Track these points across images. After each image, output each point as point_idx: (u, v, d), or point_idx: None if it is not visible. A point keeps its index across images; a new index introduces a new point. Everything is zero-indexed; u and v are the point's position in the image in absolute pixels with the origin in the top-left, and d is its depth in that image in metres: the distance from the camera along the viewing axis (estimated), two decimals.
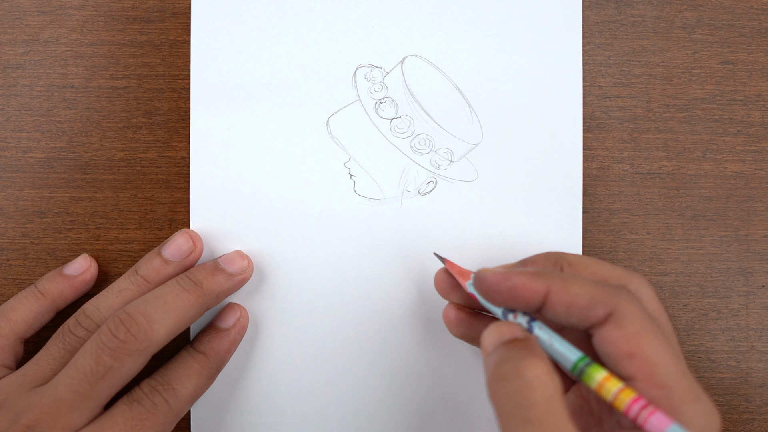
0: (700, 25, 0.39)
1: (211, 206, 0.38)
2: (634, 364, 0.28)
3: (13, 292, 0.38)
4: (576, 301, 0.29)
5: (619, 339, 0.28)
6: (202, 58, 0.38)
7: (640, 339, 0.28)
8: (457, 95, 0.38)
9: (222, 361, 0.36)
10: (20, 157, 0.38)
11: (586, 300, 0.29)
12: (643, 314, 0.29)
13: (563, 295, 0.29)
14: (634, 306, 0.29)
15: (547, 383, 0.27)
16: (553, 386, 0.27)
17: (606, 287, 0.29)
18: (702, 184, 0.39)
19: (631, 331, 0.28)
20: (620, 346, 0.28)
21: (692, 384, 0.28)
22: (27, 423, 0.31)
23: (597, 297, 0.29)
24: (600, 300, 0.29)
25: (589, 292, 0.29)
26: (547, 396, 0.27)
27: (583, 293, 0.29)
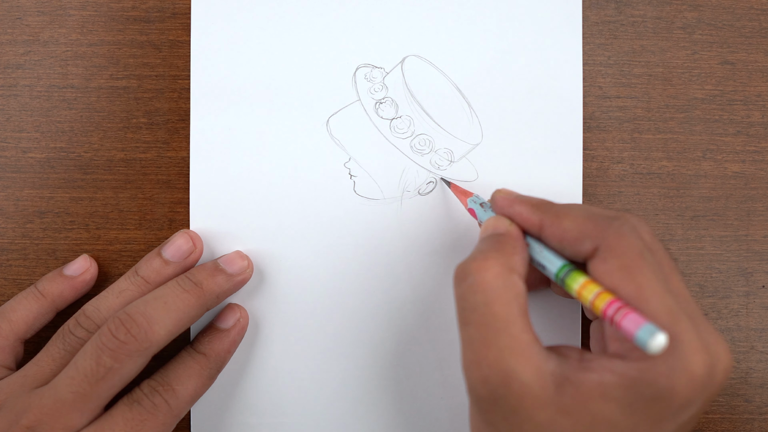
0: (700, 25, 0.39)
1: (211, 206, 0.38)
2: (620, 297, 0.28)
3: (13, 293, 0.38)
4: (566, 235, 0.30)
5: (604, 272, 0.28)
6: (202, 58, 0.38)
7: (624, 273, 0.28)
8: (457, 95, 0.38)
9: (222, 362, 0.36)
10: (20, 157, 0.38)
11: (575, 233, 0.30)
12: (633, 247, 0.28)
13: (555, 228, 0.30)
14: (621, 239, 0.28)
15: (491, 285, 0.28)
16: (501, 288, 0.28)
17: (596, 221, 0.29)
18: (702, 184, 0.39)
19: (615, 264, 0.28)
20: (605, 279, 0.28)
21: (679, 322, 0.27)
22: (27, 424, 0.31)
23: (585, 231, 0.29)
24: (588, 234, 0.29)
25: (578, 225, 0.30)
26: (488, 299, 0.28)
27: (573, 227, 0.30)
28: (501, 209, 0.32)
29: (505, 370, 0.27)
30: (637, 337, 0.26)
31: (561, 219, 0.30)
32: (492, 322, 0.28)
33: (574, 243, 0.30)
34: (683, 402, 0.27)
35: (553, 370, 0.28)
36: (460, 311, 0.29)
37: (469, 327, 0.29)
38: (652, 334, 0.26)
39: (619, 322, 0.27)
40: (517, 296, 0.29)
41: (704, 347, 0.27)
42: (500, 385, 0.27)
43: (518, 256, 0.30)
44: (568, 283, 0.29)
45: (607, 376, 0.27)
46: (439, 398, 0.38)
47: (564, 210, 0.31)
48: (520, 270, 0.30)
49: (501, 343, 0.28)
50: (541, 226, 0.31)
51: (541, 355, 0.28)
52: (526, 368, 0.27)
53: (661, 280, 0.28)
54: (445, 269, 0.38)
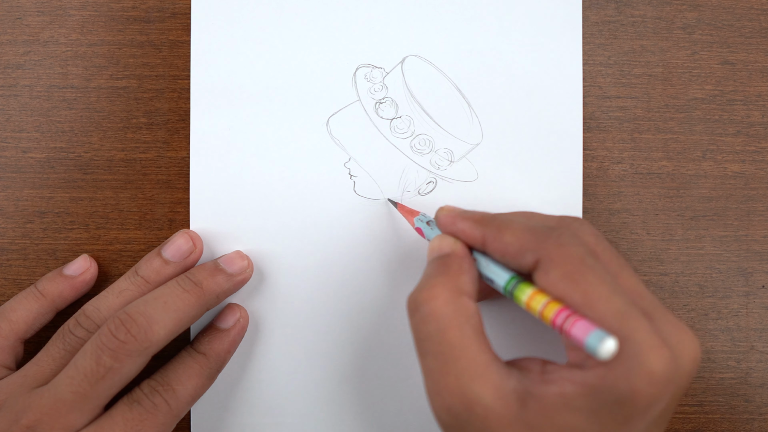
0: (700, 25, 0.39)
1: (211, 206, 0.38)
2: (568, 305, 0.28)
3: (13, 293, 0.38)
4: (507, 249, 0.30)
5: (548, 283, 0.28)
6: (202, 58, 0.38)
7: (567, 282, 0.28)
8: (457, 95, 0.38)
9: (222, 362, 0.36)
10: (20, 157, 0.38)
11: (516, 247, 0.29)
12: (573, 256, 0.28)
13: (497, 243, 0.30)
14: (562, 248, 0.28)
15: (441, 314, 0.28)
16: (451, 314, 0.28)
17: (536, 232, 0.29)
18: (702, 184, 0.39)
19: (557, 275, 0.28)
20: (550, 290, 0.28)
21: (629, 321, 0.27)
22: (27, 423, 0.31)
23: (525, 244, 0.29)
24: (528, 246, 0.29)
25: (518, 239, 0.29)
26: (441, 327, 0.28)
27: (513, 241, 0.30)
28: (445, 227, 0.32)
29: (466, 396, 0.27)
30: (587, 344, 0.26)
31: (502, 233, 0.30)
32: (447, 350, 0.28)
33: (516, 256, 0.29)
34: (647, 401, 0.27)
35: (515, 386, 0.28)
36: (417, 342, 0.29)
37: (426, 357, 0.29)
38: (601, 339, 0.25)
39: (569, 330, 0.27)
40: (469, 318, 0.29)
41: (661, 342, 0.27)
42: (463, 410, 0.27)
43: (465, 275, 0.30)
44: (517, 295, 0.29)
45: (567, 387, 0.27)
46: None
47: (505, 223, 0.30)
48: (469, 290, 0.30)
49: (459, 369, 0.28)
50: (484, 242, 0.31)
51: (501, 374, 0.28)
52: (486, 390, 0.27)
53: (606, 282, 0.28)
54: None
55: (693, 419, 0.39)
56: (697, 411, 0.39)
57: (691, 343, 0.28)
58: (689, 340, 0.28)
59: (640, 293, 0.29)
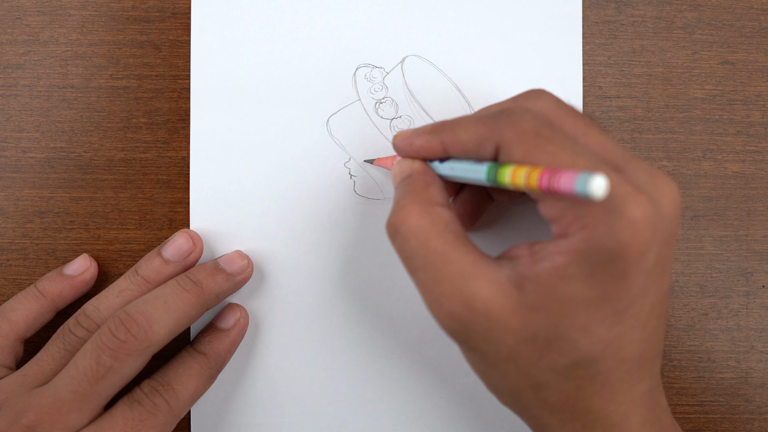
0: (700, 25, 0.39)
1: (211, 206, 0.38)
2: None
3: (13, 292, 0.38)
4: (466, 146, 0.29)
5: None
6: (202, 58, 0.38)
7: (529, 158, 0.27)
8: (457, 95, 0.38)
9: (222, 362, 0.36)
10: (20, 157, 0.38)
11: (472, 142, 0.29)
12: (525, 132, 0.27)
13: (455, 144, 0.30)
14: (514, 128, 0.28)
15: (418, 227, 0.28)
16: (427, 225, 0.28)
17: (488, 121, 0.29)
18: (702, 184, 0.39)
19: (517, 155, 0.27)
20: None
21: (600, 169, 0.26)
22: (27, 423, 0.31)
23: (480, 134, 0.29)
24: (484, 137, 0.29)
25: (474, 132, 0.29)
26: (421, 241, 0.28)
27: (470, 136, 0.29)
28: (404, 150, 0.32)
29: (463, 296, 0.27)
30: (576, 191, 0.24)
31: (457, 132, 0.30)
32: (434, 259, 0.28)
33: (476, 150, 0.29)
34: (637, 251, 0.26)
35: (508, 274, 0.27)
36: (405, 263, 0.29)
37: (417, 273, 0.29)
38: (589, 179, 0.24)
39: (557, 186, 0.25)
40: (447, 224, 0.29)
41: (636, 189, 0.26)
42: (464, 311, 0.27)
43: (432, 187, 0.30)
44: (501, 178, 0.28)
45: (558, 259, 0.27)
46: (438, 398, 0.38)
47: (458, 122, 0.30)
48: (440, 199, 0.30)
49: (450, 273, 0.28)
50: (444, 148, 0.30)
51: (492, 267, 0.28)
52: (481, 285, 0.27)
53: (567, 147, 0.27)
54: None
55: (693, 419, 0.39)
56: (697, 411, 0.39)
57: (667, 186, 0.28)
58: (665, 183, 0.28)
59: (608, 148, 0.28)
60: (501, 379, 0.29)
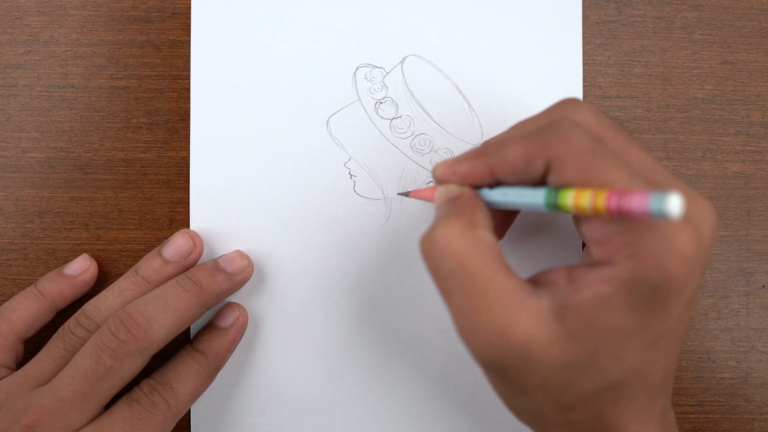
0: (700, 25, 0.39)
1: (211, 206, 0.38)
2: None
3: (13, 292, 0.38)
4: (516, 166, 0.28)
5: (563, 185, 0.27)
6: (202, 58, 0.38)
7: (583, 179, 0.26)
8: (457, 95, 0.38)
9: (221, 361, 0.36)
10: (20, 157, 0.38)
11: (523, 160, 0.28)
12: (579, 149, 0.26)
13: (503, 165, 0.28)
14: (566, 144, 0.27)
15: (459, 247, 0.27)
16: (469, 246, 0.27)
17: (536, 138, 0.27)
18: (702, 184, 0.39)
19: (571, 173, 0.26)
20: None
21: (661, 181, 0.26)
22: (27, 423, 0.31)
23: (530, 152, 0.27)
24: (534, 154, 0.27)
25: (522, 151, 0.28)
26: (461, 261, 0.27)
27: (518, 155, 0.28)
28: (447, 180, 0.30)
29: (503, 328, 0.26)
30: (651, 210, 0.23)
31: (503, 153, 0.28)
32: (473, 284, 0.27)
33: (526, 169, 0.28)
34: (682, 284, 0.26)
35: (549, 305, 0.27)
36: (439, 282, 0.28)
37: (453, 296, 0.27)
38: (665, 199, 0.23)
39: (629, 206, 0.24)
40: (490, 248, 0.27)
41: (685, 220, 0.26)
42: (504, 343, 0.26)
43: (478, 212, 0.29)
44: (562, 202, 0.26)
45: (601, 288, 0.26)
46: (438, 398, 0.38)
47: (503, 143, 0.28)
48: (484, 224, 0.28)
49: (489, 301, 0.26)
50: (491, 171, 0.29)
51: (532, 297, 0.27)
52: (522, 318, 0.26)
53: (620, 167, 0.26)
54: None
55: (693, 419, 0.39)
56: (697, 411, 0.39)
57: (707, 211, 0.27)
58: (705, 208, 0.27)
59: (650, 167, 0.28)
60: (525, 403, 0.28)
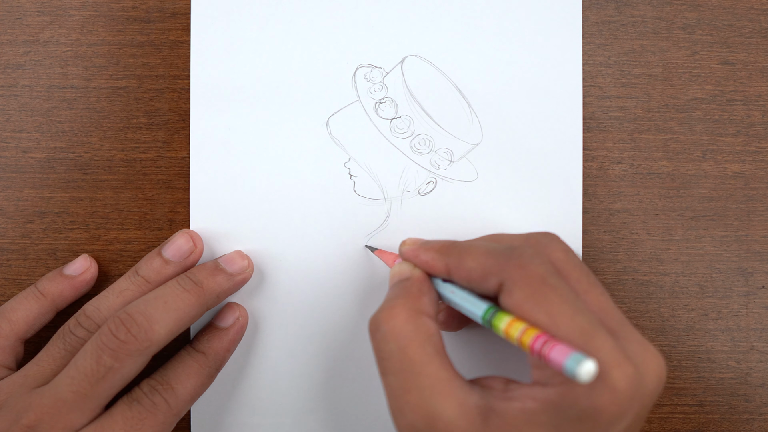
0: (700, 26, 0.39)
1: (211, 206, 0.38)
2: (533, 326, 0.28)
3: (13, 292, 0.38)
4: (471, 275, 0.30)
5: (513, 306, 0.28)
6: (202, 58, 0.38)
7: (530, 304, 0.28)
8: (457, 95, 0.38)
9: (221, 361, 0.36)
10: (20, 157, 0.38)
11: (479, 272, 0.30)
12: (533, 276, 0.28)
13: (460, 270, 0.30)
14: (522, 270, 0.28)
15: (401, 332, 0.28)
16: (411, 332, 0.28)
17: (497, 255, 0.29)
18: (702, 184, 0.39)
19: (520, 297, 0.28)
20: (515, 312, 0.28)
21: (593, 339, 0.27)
22: (27, 423, 0.31)
23: (487, 267, 0.29)
24: (490, 270, 0.29)
25: (480, 264, 0.30)
26: (401, 345, 0.28)
27: (476, 266, 0.30)
28: (408, 260, 0.33)
29: (428, 412, 0.27)
30: (565, 368, 0.26)
31: (463, 259, 0.30)
32: (408, 367, 0.28)
33: (480, 281, 0.30)
34: (610, 418, 0.27)
35: (477, 402, 0.28)
36: (378, 362, 0.29)
37: (388, 376, 0.29)
38: (579, 362, 0.25)
39: (547, 355, 0.26)
40: (430, 337, 0.29)
41: (625, 359, 0.27)
42: (426, 427, 0.27)
43: (425, 297, 0.30)
44: (495, 324, 0.29)
45: (530, 403, 0.27)
46: None
47: (466, 249, 0.31)
48: (429, 311, 0.30)
49: (420, 385, 0.28)
50: (448, 270, 0.31)
51: (463, 390, 0.28)
52: (448, 405, 0.27)
53: (570, 301, 0.28)
54: None
55: (693, 419, 0.39)
56: (697, 411, 0.39)
57: (655, 361, 0.28)
58: (654, 358, 0.28)
59: (607, 311, 0.29)
60: None
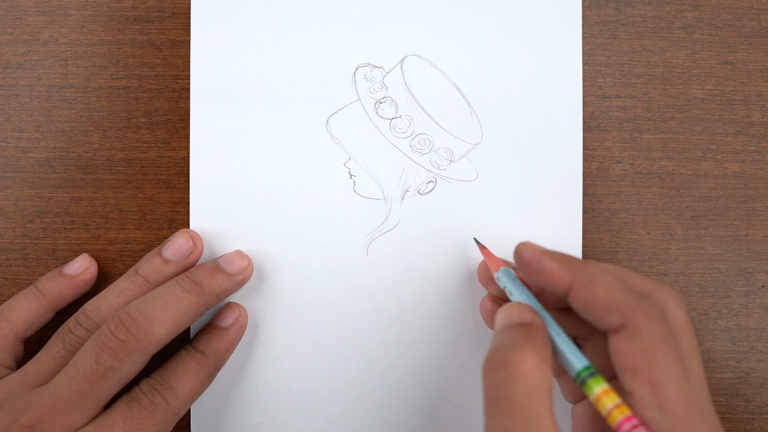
0: (700, 25, 0.39)
1: (211, 206, 0.38)
2: (636, 381, 0.28)
3: (13, 292, 0.38)
4: (595, 302, 0.29)
5: (626, 352, 0.28)
6: (202, 58, 0.38)
7: (647, 356, 0.27)
8: (457, 95, 0.38)
9: (221, 360, 0.36)
10: (20, 157, 0.38)
11: (604, 303, 0.29)
12: (659, 331, 0.28)
13: (585, 292, 0.29)
14: (651, 320, 0.28)
15: (532, 377, 0.27)
16: (539, 381, 0.27)
17: (629, 295, 0.29)
18: (702, 184, 0.39)
19: (639, 346, 0.28)
20: (626, 359, 0.28)
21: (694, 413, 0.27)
22: (27, 422, 0.31)
23: (616, 303, 0.28)
24: (618, 307, 0.28)
25: (609, 296, 0.29)
26: (528, 391, 0.27)
27: (604, 296, 0.29)
28: (529, 264, 0.30)
29: None
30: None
31: (594, 284, 0.29)
32: (528, 416, 0.27)
33: (601, 313, 0.29)
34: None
35: None
36: (494, 398, 0.28)
37: (501, 416, 0.27)
38: None
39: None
40: (550, 391, 0.28)
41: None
42: None
43: (548, 348, 0.29)
44: (590, 384, 0.28)
45: None
46: (438, 398, 0.38)
47: (597, 275, 0.29)
48: (551, 363, 0.29)
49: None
50: (571, 287, 0.30)
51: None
52: None
53: (681, 368, 0.27)
54: (445, 268, 0.38)
55: None
56: None
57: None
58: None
59: (702, 387, 0.29)
60: None
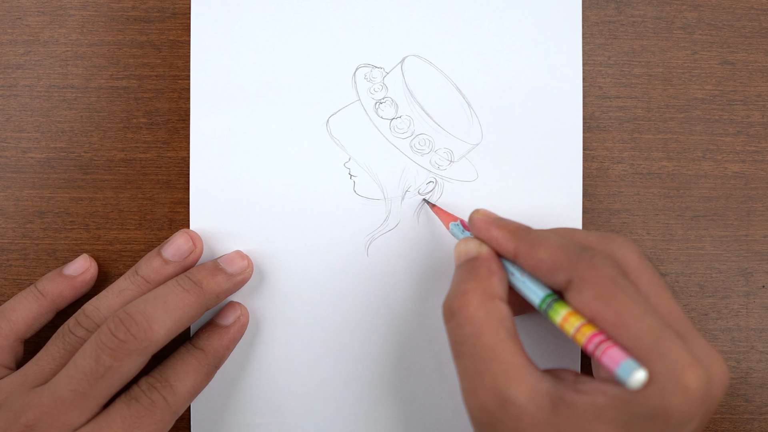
0: (700, 25, 0.39)
1: (211, 206, 0.38)
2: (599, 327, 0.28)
3: (13, 292, 0.38)
4: (540, 265, 0.30)
5: (580, 304, 0.29)
6: (202, 58, 0.38)
7: (600, 302, 0.28)
8: (457, 95, 0.38)
9: (221, 358, 0.36)
10: (20, 157, 0.38)
11: (548, 264, 0.30)
12: (607, 276, 0.28)
13: (530, 258, 0.30)
14: (593, 270, 0.29)
15: (476, 317, 0.29)
16: (485, 318, 0.29)
17: (570, 252, 0.29)
18: (702, 184, 0.39)
19: (590, 295, 0.28)
20: (584, 311, 0.29)
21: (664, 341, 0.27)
22: (26, 422, 0.31)
23: (558, 262, 0.29)
24: (560, 265, 0.29)
25: (552, 257, 0.30)
26: (475, 330, 0.29)
27: (547, 257, 0.30)
28: (478, 232, 0.32)
29: (500, 395, 0.28)
30: (617, 373, 0.26)
31: (536, 249, 0.30)
32: (482, 352, 0.29)
33: (548, 274, 0.30)
34: (680, 419, 0.27)
35: (548, 390, 0.28)
36: (452, 345, 0.30)
37: (462, 359, 0.29)
38: (632, 370, 0.26)
39: (600, 357, 0.27)
40: (502, 321, 0.29)
41: (696, 362, 0.27)
42: (497, 409, 0.28)
43: (495, 277, 0.31)
44: (551, 315, 0.29)
45: (600, 398, 0.27)
46: (438, 398, 0.38)
47: (539, 239, 0.31)
48: (500, 292, 0.30)
49: (493, 369, 0.28)
50: (516, 254, 0.31)
51: (535, 376, 0.28)
52: (520, 390, 0.28)
53: (639, 302, 0.28)
54: (445, 268, 0.38)
55: None
56: None
57: (721, 366, 0.28)
58: (720, 363, 0.28)
59: (676, 315, 0.29)
60: None
